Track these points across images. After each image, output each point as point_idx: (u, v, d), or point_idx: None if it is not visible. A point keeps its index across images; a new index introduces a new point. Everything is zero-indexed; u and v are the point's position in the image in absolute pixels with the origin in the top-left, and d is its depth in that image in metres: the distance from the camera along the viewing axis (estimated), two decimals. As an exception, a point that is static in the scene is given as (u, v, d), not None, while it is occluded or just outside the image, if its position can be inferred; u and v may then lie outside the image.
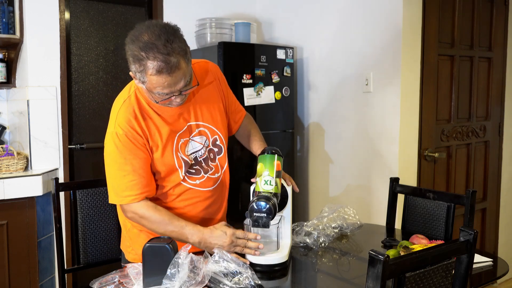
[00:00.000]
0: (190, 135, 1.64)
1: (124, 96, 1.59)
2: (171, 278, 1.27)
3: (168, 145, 1.58)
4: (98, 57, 3.26)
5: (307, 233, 1.81)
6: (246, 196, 3.05)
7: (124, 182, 1.54)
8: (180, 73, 1.41)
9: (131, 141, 1.53)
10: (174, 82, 1.42)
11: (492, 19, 3.26)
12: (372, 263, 1.04)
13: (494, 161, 3.41)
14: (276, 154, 1.56)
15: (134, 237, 1.69)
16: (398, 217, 2.23)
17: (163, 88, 1.42)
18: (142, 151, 1.54)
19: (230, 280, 1.32)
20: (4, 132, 3.01)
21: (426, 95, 2.88)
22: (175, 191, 1.63)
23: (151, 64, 1.37)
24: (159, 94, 1.45)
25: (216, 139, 1.70)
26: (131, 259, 1.70)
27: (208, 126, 1.68)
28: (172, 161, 1.59)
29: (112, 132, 1.54)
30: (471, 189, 1.91)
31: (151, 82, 1.41)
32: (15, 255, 2.60)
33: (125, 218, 1.68)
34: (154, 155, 1.57)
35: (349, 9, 3.06)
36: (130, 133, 1.53)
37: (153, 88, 1.43)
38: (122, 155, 1.53)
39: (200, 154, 1.66)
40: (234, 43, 3.14)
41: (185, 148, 1.62)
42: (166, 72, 1.38)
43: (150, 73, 1.39)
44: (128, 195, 1.54)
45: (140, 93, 1.58)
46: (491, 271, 1.64)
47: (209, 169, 1.68)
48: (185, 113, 1.63)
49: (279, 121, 3.29)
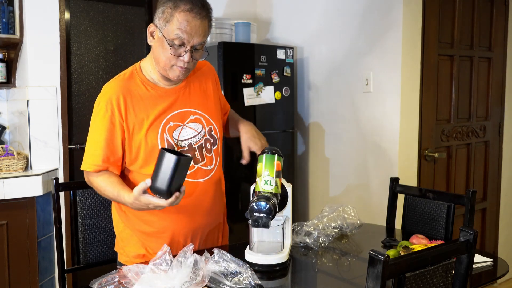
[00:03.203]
0: (184, 121, 1.62)
1: (120, 74, 1.64)
2: (172, 278, 1.27)
3: (154, 125, 1.57)
4: (98, 57, 3.26)
5: (307, 233, 1.81)
6: (246, 196, 3.06)
7: (88, 149, 1.59)
8: (203, 26, 1.51)
9: (109, 115, 1.54)
10: (195, 31, 1.49)
11: (492, 19, 3.26)
12: (372, 263, 1.04)
13: (494, 161, 3.41)
14: (276, 154, 1.56)
15: (126, 239, 1.67)
16: (398, 217, 2.23)
17: (183, 31, 1.48)
18: (115, 128, 1.55)
19: (230, 280, 1.32)
20: (4, 132, 3.01)
21: (426, 95, 2.88)
22: None
23: (186, 3, 1.48)
24: (175, 39, 1.48)
25: (211, 129, 1.68)
26: (124, 261, 1.67)
27: (203, 115, 1.67)
28: (155, 142, 1.56)
29: (98, 100, 1.59)
30: (471, 189, 1.91)
31: (176, 21, 1.47)
32: (15, 255, 2.60)
33: (118, 218, 1.67)
34: (136, 135, 1.56)
35: (350, 9, 3.06)
36: (111, 106, 1.55)
37: (174, 28, 1.48)
38: (95, 124, 1.57)
39: (195, 140, 1.64)
40: (234, 43, 3.14)
41: (173, 132, 1.60)
42: (195, 14, 1.48)
43: (181, 10, 1.47)
44: (87, 162, 1.58)
45: (137, 72, 1.61)
46: (491, 271, 1.64)
47: (201, 159, 1.64)
48: (181, 98, 1.64)
49: (279, 121, 3.29)
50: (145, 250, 1.63)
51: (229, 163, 2.98)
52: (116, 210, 1.69)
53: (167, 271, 1.32)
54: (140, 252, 1.64)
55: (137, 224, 1.63)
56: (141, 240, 1.63)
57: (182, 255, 1.34)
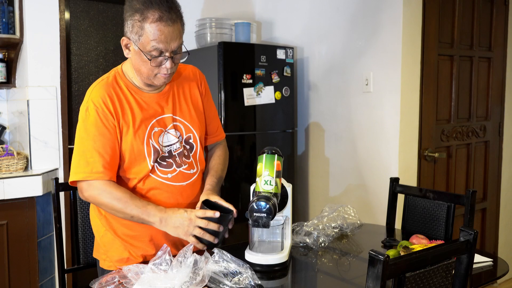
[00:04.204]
0: (166, 127, 1.61)
1: (103, 77, 1.59)
2: (172, 278, 1.27)
3: (140, 130, 1.55)
4: (98, 57, 3.26)
5: (307, 233, 1.81)
6: (246, 196, 3.06)
7: (82, 157, 1.49)
8: (177, 30, 1.46)
9: (100, 118, 1.50)
10: (170, 37, 1.45)
11: (492, 19, 3.26)
12: (372, 263, 1.04)
13: (494, 161, 3.41)
14: (276, 154, 1.56)
15: (108, 243, 1.60)
16: (398, 217, 2.23)
17: (159, 41, 1.44)
18: (109, 131, 1.51)
19: (230, 280, 1.32)
20: (4, 132, 3.01)
21: (426, 95, 2.88)
22: (144, 185, 1.56)
23: (153, 12, 1.42)
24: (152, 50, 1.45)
25: (190, 137, 1.66)
26: (107, 266, 1.61)
27: (183, 122, 1.65)
28: (142, 147, 1.54)
29: (83, 106, 1.53)
30: (471, 189, 1.90)
31: (149, 33, 1.43)
32: (15, 255, 2.60)
33: (98, 223, 1.62)
34: (124, 138, 1.53)
35: (349, 9, 3.06)
36: (102, 109, 1.50)
37: (148, 41, 1.44)
38: (86, 131, 1.50)
39: (175, 148, 1.62)
40: (234, 43, 3.14)
41: (158, 137, 1.58)
42: (166, 21, 1.43)
43: (151, 21, 1.42)
44: (83, 171, 1.48)
45: (120, 76, 1.58)
46: (491, 271, 1.64)
47: (183, 164, 1.63)
48: (163, 103, 1.62)
49: (279, 121, 3.29)
50: (128, 253, 1.59)
51: (229, 163, 2.97)
52: (96, 214, 1.64)
53: (167, 271, 1.32)
54: (123, 256, 1.59)
55: (119, 228, 1.59)
56: (124, 244, 1.59)
57: (182, 255, 1.34)
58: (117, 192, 1.49)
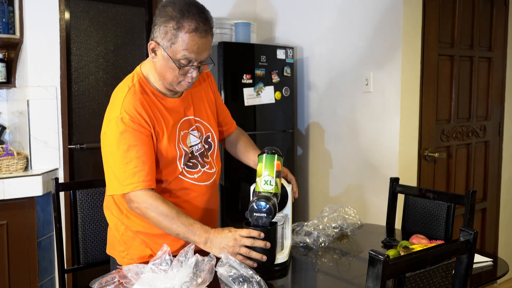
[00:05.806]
0: (189, 128, 1.65)
1: (128, 84, 1.57)
2: (172, 278, 1.26)
3: (172, 135, 1.58)
4: (98, 57, 3.26)
5: (307, 233, 1.81)
6: (246, 196, 3.06)
7: (127, 169, 1.47)
8: (209, 42, 1.49)
9: (137, 128, 1.49)
10: (202, 49, 1.47)
11: (492, 19, 3.26)
12: (372, 263, 1.04)
13: (494, 161, 3.41)
14: (276, 154, 1.56)
15: (128, 241, 1.64)
16: (398, 217, 2.23)
17: (191, 51, 1.45)
18: (147, 138, 1.51)
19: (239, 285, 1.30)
20: (4, 132, 3.01)
21: (426, 95, 2.88)
22: (173, 186, 1.60)
23: (189, 22, 1.43)
24: (182, 59, 1.47)
25: (209, 136, 1.72)
26: (126, 264, 1.62)
27: (202, 123, 1.70)
28: (175, 152, 1.58)
29: (117, 117, 1.49)
30: (471, 189, 1.91)
31: (183, 42, 1.44)
32: (15, 255, 2.60)
33: (117, 221, 1.64)
34: (159, 145, 1.55)
35: (350, 9, 3.06)
36: (137, 119, 1.50)
37: (180, 50, 1.45)
38: (126, 141, 1.48)
39: (197, 148, 1.66)
40: (234, 43, 3.14)
41: (185, 140, 1.63)
42: (200, 32, 1.44)
43: (186, 31, 1.43)
44: (131, 183, 1.47)
45: (144, 83, 1.58)
46: (491, 271, 1.64)
47: (206, 164, 1.68)
48: (186, 106, 1.65)
49: (279, 121, 3.29)
50: (150, 250, 1.62)
51: (229, 163, 2.98)
52: (115, 212, 1.65)
53: (167, 271, 1.31)
54: (145, 253, 1.62)
55: (141, 226, 1.61)
56: (146, 241, 1.62)
57: (182, 255, 1.33)
58: (163, 208, 1.47)
